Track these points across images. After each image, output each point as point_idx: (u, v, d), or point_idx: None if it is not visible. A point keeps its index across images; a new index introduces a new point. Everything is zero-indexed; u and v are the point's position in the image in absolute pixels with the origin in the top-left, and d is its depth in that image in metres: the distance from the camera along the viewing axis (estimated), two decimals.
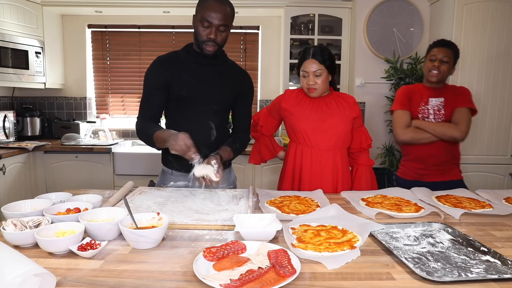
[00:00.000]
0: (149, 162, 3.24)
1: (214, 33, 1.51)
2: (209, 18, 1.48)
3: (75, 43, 3.77)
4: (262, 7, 3.39)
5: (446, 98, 2.01)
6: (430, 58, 2.02)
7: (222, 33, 1.54)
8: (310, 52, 1.71)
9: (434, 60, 1.99)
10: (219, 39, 1.54)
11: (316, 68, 1.70)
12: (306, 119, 1.76)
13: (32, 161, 3.17)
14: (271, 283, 0.79)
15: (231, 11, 1.55)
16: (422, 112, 2.03)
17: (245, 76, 1.75)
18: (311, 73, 1.71)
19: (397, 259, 0.95)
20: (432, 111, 2.01)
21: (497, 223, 1.27)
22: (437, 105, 2.01)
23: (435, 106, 2.01)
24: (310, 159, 1.77)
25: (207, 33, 1.51)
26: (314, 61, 1.70)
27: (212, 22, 1.49)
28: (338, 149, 1.79)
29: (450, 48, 1.99)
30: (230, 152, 1.63)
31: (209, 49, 1.55)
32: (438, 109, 2.01)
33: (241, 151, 1.76)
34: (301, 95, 1.82)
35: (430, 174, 2.02)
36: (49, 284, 0.78)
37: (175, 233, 1.13)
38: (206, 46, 1.54)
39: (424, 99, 2.03)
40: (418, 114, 2.03)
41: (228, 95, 1.68)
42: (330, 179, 1.77)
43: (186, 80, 1.61)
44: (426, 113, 2.02)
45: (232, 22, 1.59)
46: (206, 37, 1.52)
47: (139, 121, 1.67)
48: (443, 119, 1.99)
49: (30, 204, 1.23)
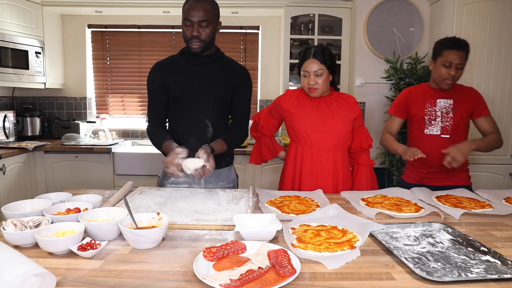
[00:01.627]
0: (149, 162, 3.24)
1: (196, 30, 1.57)
2: (189, 17, 1.56)
3: (75, 43, 3.76)
4: (262, 7, 3.38)
5: (455, 100, 1.92)
6: (444, 64, 1.85)
7: (205, 29, 1.58)
8: (311, 52, 1.71)
9: (449, 66, 1.83)
10: (203, 36, 1.59)
11: (317, 68, 1.70)
12: (306, 119, 1.76)
13: (32, 161, 3.17)
14: (271, 283, 0.79)
15: (212, 7, 1.59)
16: (429, 114, 1.94)
17: (241, 71, 1.76)
18: (312, 73, 1.71)
19: (397, 259, 0.95)
20: (440, 113, 1.93)
21: (497, 223, 1.27)
22: (446, 107, 1.92)
23: (443, 108, 1.93)
24: (311, 159, 1.77)
25: (190, 31, 1.58)
26: (315, 61, 1.70)
27: (192, 20, 1.56)
28: (339, 149, 1.78)
29: (465, 50, 1.84)
30: (223, 143, 1.63)
31: (194, 47, 1.60)
32: (446, 112, 1.92)
33: (237, 143, 1.77)
34: (302, 95, 1.82)
35: (433, 178, 1.96)
36: (49, 284, 0.78)
37: (175, 233, 1.13)
38: (191, 44, 1.60)
39: (431, 99, 1.95)
40: (425, 116, 1.95)
41: (223, 92, 1.70)
42: (330, 179, 1.77)
43: (180, 81, 1.67)
44: (433, 115, 1.94)
45: (217, 18, 1.63)
46: (190, 35, 1.59)
47: (149, 127, 1.77)
48: (450, 122, 1.91)
49: (30, 204, 1.23)
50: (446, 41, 1.90)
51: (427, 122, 1.96)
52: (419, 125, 1.99)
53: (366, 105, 3.34)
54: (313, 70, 1.70)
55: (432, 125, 1.95)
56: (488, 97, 2.85)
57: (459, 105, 1.92)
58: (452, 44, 1.85)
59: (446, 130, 1.93)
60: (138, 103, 3.88)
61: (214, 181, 1.75)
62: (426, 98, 1.96)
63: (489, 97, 2.85)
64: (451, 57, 1.82)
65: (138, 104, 3.88)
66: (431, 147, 1.90)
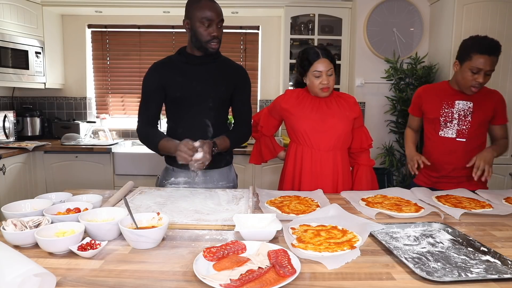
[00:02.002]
0: (149, 162, 3.24)
1: (216, 30, 1.58)
2: (209, 16, 1.54)
3: (75, 43, 3.76)
4: (262, 7, 3.39)
5: (476, 103, 1.78)
6: (472, 70, 1.66)
7: (220, 29, 1.61)
8: (319, 52, 1.71)
9: (477, 72, 1.66)
10: (220, 35, 1.61)
11: (329, 67, 1.71)
12: (306, 119, 1.76)
13: (32, 161, 3.17)
14: (271, 283, 0.79)
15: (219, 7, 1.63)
16: (445, 115, 1.83)
17: (239, 70, 1.76)
18: (325, 73, 1.71)
19: (397, 259, 0.95)
20: (457, 115, 1.80)
21: (497, 223, 1.27)
22: (464, 110, 1.80)
23: (461, 110, 1.80)
24: (310, 159, 1.77)
25: (210, 31, 1.57)
26: (326, 60, 1.71)
27: (212, 19, 1.55)
28: (339, 149, 1.78)
29: (497, 54, 1.66)
30: (226, 139, 1.65)
31: (214, 46, 1.61)
32: (464, 115, 1.80)
33: (239, 141, 1.77)
34: (302, 95, 1.82)
35: (444, 182, 1.87)
36: (49, 284, 0.78)
37: (175, 233, 1.13)
38: (211, 44, 1.60)
39: (449, 100, 1.83)
40: (440, 117, 1.84)
41: (223, 91, 1.70)
42: (330, 179, 1.77)
43: (179, 81, 1.66)
44: (450, 116, 1.82)
45: None
46: (209, 36, 1.57)
47: (140, 127, 1.74)
48: (468, 126, 1.79)
49: (30, 204, 1.23)
50: (477, 43, 1.68)
51: (442, 124, 1.85)
52: (434, 125, 1.89)
53: (366, 105, 3.34)
54: (326, 70, 1.70)
55: (447, 127, 1.84)
56: None
57: (479, 109, 1.79)
58: (484, 49, 1.64)
59: (462, 133, 1.82)
60: (138, 103, 3.84)
61: (214, 180, 1.75)
62: (444, 98, 1.85)
63: None
64: (481, 62, 1.63)
65: (138, 104, 3.87)
66: (445, 150, 1.84)
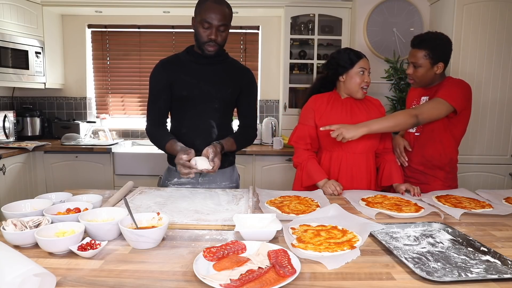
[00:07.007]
0: (149, 162, 3.24)
1: (215, 33, 1.55)
2: (209, 19, 1.52)
3: (75, 43, 3.76)
4: (262, 7, 3.39)
5: (431, 96, 1.77)
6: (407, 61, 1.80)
7: (222, 33, 1.58)
8: (358, 52, 1.75)
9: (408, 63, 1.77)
10: (219, 39, 1.58)
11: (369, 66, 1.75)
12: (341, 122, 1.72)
13: (32, 161, 3.17)
14: (271, 283, 0.79)
15: (229, 11, 1.58)
16: None
17: (246, 73, 1.76)
18: (367, 71, 1.73)
19: (397, 259, 0.95)
20: None
21: (497, 223, 1.27)
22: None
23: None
24: (346, 163, 1.77)
25: (208, 34, 1.55)
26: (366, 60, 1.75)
27: (212, 23, 1.53)
28: (371, 151, 1.80)
29: (423, 48, 1.70)
30: (233, 142, 1.65)
31: (210, 49, 1.59)
32: None
33: (245, 144, 1.78)
34: (332, 99, 1.81)
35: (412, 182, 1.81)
36: (49, 284, 0.78)
37: (175, 233, 1.13)
38: (208, 46, 1.58)
39: (417, 98, 1.89)
40: None
41: (230, 93, 1.69)
42: (365, 181, 1.78)
43: (186, 80, 1.65)
44: None
45: (231, 22, 1.62)
46: (207, 38, 1.56)
47: (149, 127, 1.73)
48: None
49: (30, 204, 1.23)
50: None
51: None
52: None
53: None
54: (368, 68, 1.73)
55: None
56: (488, 98, 2.86)
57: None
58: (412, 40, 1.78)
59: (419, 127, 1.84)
60: (138, 103, 3.88)
61: (218, 180, 1.75)
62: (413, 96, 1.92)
63: (489, 97, 2.85)
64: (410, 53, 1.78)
65: (138, 104, 3.88)
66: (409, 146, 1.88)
